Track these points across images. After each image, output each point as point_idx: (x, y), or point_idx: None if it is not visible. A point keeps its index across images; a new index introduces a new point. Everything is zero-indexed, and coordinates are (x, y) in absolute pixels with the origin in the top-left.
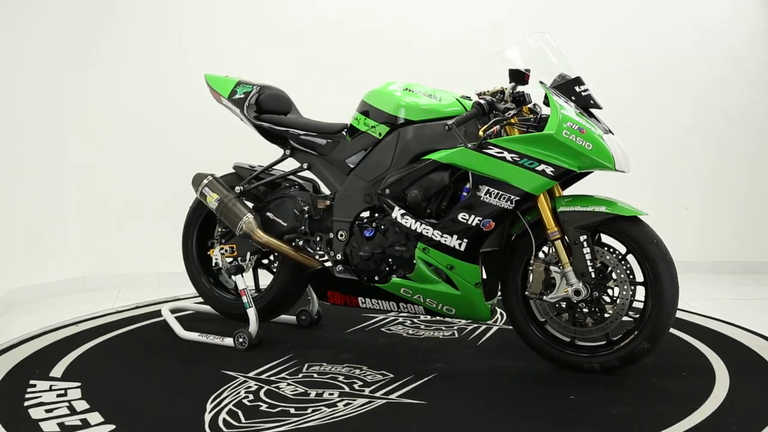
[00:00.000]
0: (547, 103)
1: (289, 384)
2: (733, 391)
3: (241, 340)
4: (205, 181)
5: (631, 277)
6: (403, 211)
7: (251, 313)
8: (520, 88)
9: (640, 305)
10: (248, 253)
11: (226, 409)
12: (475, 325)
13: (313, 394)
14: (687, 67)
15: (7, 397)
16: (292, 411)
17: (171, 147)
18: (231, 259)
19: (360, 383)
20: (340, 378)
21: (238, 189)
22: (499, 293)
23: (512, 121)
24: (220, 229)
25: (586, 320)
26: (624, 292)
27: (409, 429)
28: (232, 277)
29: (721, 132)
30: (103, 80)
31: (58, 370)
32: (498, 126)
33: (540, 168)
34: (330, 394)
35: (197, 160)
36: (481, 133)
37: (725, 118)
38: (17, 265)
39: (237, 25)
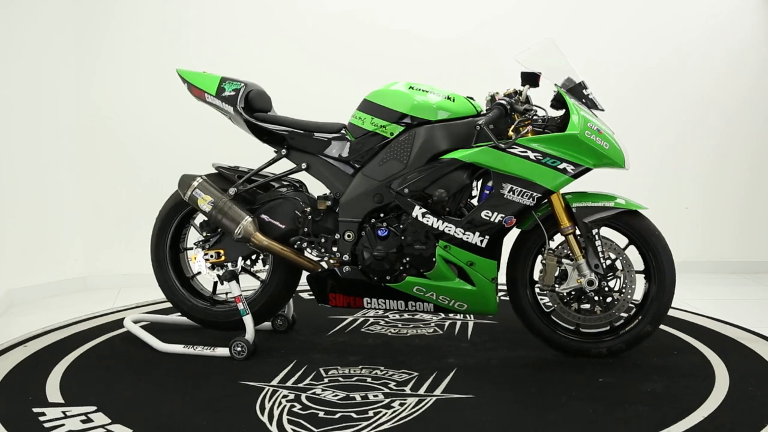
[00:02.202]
0: (555, 105)
1: (324, 389)
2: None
3: (239, 349)
4: (196, 183)
5: (630, 266)
6: (424, 210)
7: (248, 320)
8: (531, 90)
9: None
10: (240, 258)
11: (284, 419)
12: (451, 321)
13: (358, 397)
14: (687, 67)
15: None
16: (354, 416)
17: (171, 147)
18: (211, 265)
19: (393, 383)
20: (369, 380)
21: (232, 191)
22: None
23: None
24: (204, 234)
25: (595, 308)
26: (630, 281)
27: (484, 422)
28: (226, 283)
29: (721, 132)
30: (102, 80)
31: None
32: (531, 126)
33: (562, 166)
34: (374, 396)
35: (197, 160)
36: (511, 132)
37: (725, 118)
38: (17, 265)
39: (234, 23)
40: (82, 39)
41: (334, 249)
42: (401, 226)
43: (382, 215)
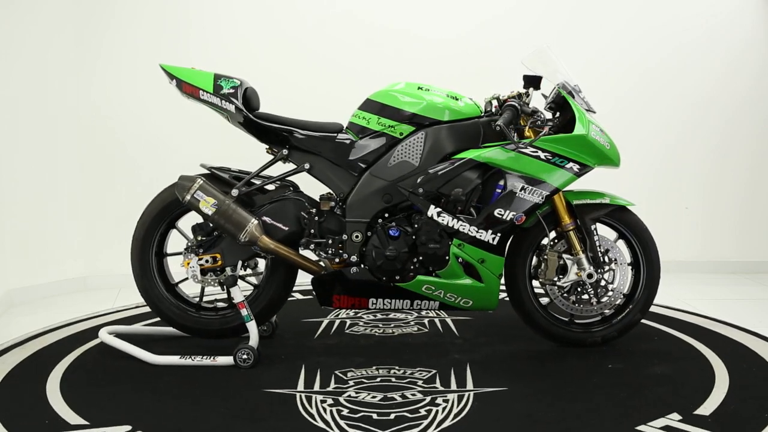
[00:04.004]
0: (553, 107)
1: (357, 392)
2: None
3: (245, 356)
4: (197, 185)
5: (624, 259)
6: (439, 209)
7: (252, 326)
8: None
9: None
10: (240, 262)
11: (342, 423)
12: (430, 319)
13: (398, 397)
14: (687, 67)
15: None
16: (409, 415)
17: (171, 147)
18: (202, 271)
19: (420, 381)
20: (393, 379)
21: (235, 192)
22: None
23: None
24: (199, 237)
25: (591, 300)
26: (623, 273)
27: (536, 411)
28: (228, 289)
29: (722, 132)
30: (102, 80)
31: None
32: (548, 128)
33: (569, 165)
34: (413, 395)
35: (197, 160)
36: (527, 133)
37: (725, 118)
38: (17, 265)
39: (234, 23)
40: (82, 39)
41: (342, 250)
42: (415, 226)
43: (386, 215)
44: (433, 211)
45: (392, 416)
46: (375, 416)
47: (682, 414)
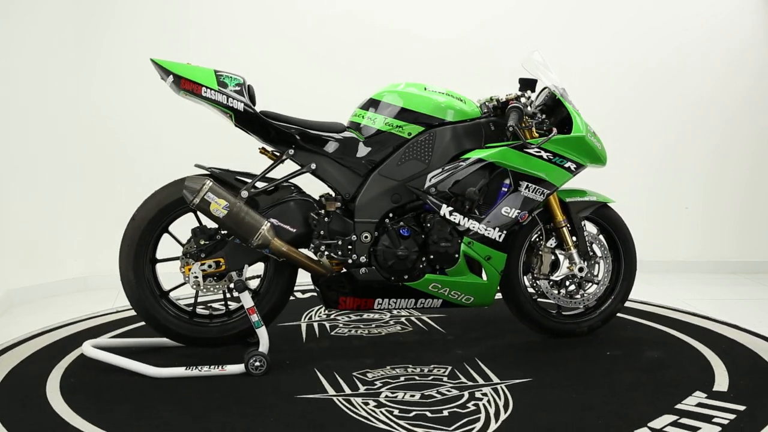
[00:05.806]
0: (544, 109)
1: (392, 392)
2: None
3: (257, 363)
4: (206, 187)
5: (608, 253)
6: (451, 209)
7: (263, 332)
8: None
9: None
10: (246, 266)
11: (404, 424)
12: (406, 318)
13: (436, 395)
14: (687, 67)
15: None
16: (461, 411)
17: (171, 147)
18: (199, 274)
19: (444, 377)
20: (416, 378)
21: (244, 193)
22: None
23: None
24: (201, 242)
25: (579, 292)
26: (607, 265)
27: (576, 398)
28: (237, 294)
29: (721, 132)
30: (102, 80)
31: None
32: (556, 129)
33: (567, 165)
34: (449, 391)
35: (197, 160)
36: (535, 133)
37: (725, 118)
38: (17, 265)
39: (234, 23)
40: (82, 39)
41: (351, 250)
42: (427, 225)
43: (391, 215)
44: (445, 210)
45: (445, 413)
46: (429, 414)
47: (705, 391)
